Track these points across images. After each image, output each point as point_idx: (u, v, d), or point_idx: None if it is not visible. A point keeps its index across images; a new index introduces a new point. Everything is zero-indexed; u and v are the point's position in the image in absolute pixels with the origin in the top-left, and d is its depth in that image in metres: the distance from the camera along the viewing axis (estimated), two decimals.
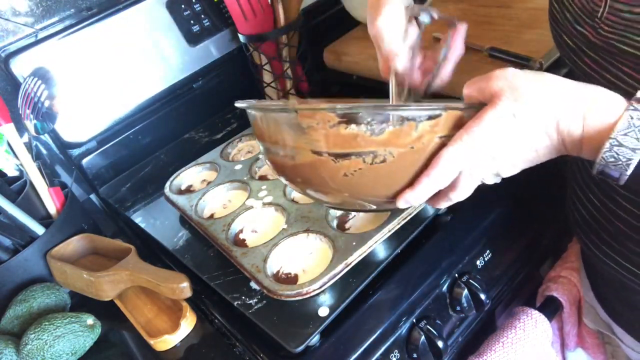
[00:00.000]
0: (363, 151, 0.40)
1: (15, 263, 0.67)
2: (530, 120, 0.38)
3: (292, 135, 0.43)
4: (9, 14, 0.80)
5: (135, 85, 0.87)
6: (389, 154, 0.40)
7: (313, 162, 0.43)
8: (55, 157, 0.87)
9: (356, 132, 0.40)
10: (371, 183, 0.43)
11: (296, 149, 0.43)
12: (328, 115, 0.40)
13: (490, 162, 0.40)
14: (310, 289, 0.53)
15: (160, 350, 0.59)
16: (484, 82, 0.39)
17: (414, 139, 0.39)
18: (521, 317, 0.67)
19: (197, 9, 0.92)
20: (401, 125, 0.39)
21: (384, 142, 0.40)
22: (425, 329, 0.57)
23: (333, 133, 0.40)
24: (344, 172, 0.42)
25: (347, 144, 0.40)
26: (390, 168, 0.41)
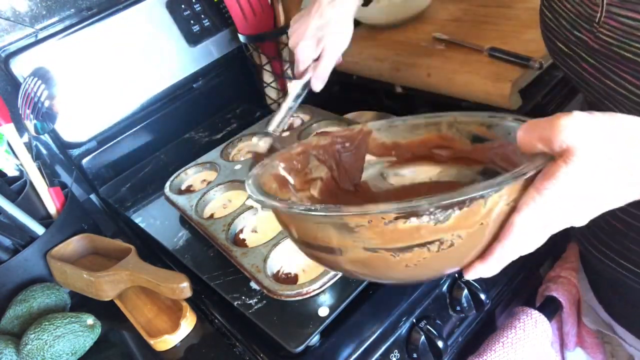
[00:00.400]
0: (427, 241, 0.36)
1: (15, 263, 0.67)
2: (611, 181, 0.34)
3: (336, 235, 0.37)
4: (9, 14, 0.80)
5: (135, 85, 0.87)
6: (457, 237, 0.36)
7: (367, 258, 0.38)
8: (55, 157, 0.87)
9: (417, 226, 0.35)
10: (437, 267, 0.39)
11: (343, 247, 0.38)
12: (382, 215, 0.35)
13: (564, 218, 0.36)
14: (310, 289, 0.53)
15: (160, 350, 0.59)
16: (548, 131, 0.34)
17: (482, 215, 0.35)
18: (521, 317, 0.67)
19: (197, 9, 0.92)
20: (469, 206, 0.34)
21: (451, 227, 0.35)
22: (425, 329, 0.57)
23: (390, 230, 0.35)
24: (405, 264, 0.37)
25: (408, 237, 0.35)
26: (458, 250, 0.37)
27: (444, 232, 0.35)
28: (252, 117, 0.95)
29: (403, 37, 0.92)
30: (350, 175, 0.53)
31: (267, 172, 0.47)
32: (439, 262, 0.38)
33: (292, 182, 0.49)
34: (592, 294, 0.67)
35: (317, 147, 0.52)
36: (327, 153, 0.52)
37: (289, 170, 0.50)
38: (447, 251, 0.36)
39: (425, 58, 0.83)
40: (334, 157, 0.53)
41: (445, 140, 0.50)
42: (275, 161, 0.49)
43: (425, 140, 0.51)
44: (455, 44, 0.83)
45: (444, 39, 0.85)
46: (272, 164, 0.49)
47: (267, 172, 0.47)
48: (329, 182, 0.52)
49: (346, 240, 0.37)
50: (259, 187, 0.43)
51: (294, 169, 0.50)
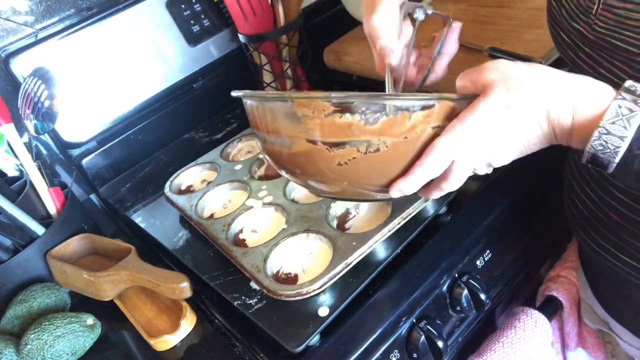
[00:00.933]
0: (357, 140, 0.41)
1: (15, 263, 0.67)
2: (522, 110, 0.39)
3: (287, 124, 0.43)
4: (9, 14, 0.80)
5: (135, 85, 0.87)
6: (383, 144, 0.41)
7: (308, 151, 0.43)
8: (55, 157, 0.87)
9: (350, 122, 0.40)
10: (366, 172, 0.43)
11: (292, 137, 0.44)
12: (323, 104, 0.40)
13: (482, 151, 0.41)
14: (310, 289, 0.53)
15: (160, 350, 0.59)
16: (475, 74, 0.40)
17: (407, 128, 0.40)
18: (521, 317, 0.67)
19: (197, 9, 0.91)
20: (395, 115, 0.39)
21: (378, 131, 0.40)
22: (425, 329, 0.57)
23: (328, 122, 0.41)
24: (338, 160, 0.42)
25: (341, 133, 0.41)
26: (384, 157, 0.41)
27: (371, 135, 0.40)
28: None
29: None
30: None
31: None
32: (366, 168, 0.42)
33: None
34: (590, 291, 0.67)
35: None
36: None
37: None
38: (374, 156, 0.41)
39: None
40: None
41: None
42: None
43: None
44: None
45: None
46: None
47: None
48: None
49: (295, 130, 0.43)
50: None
51: None
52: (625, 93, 0.36)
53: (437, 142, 0.40)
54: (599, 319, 0.68)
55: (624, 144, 0.36)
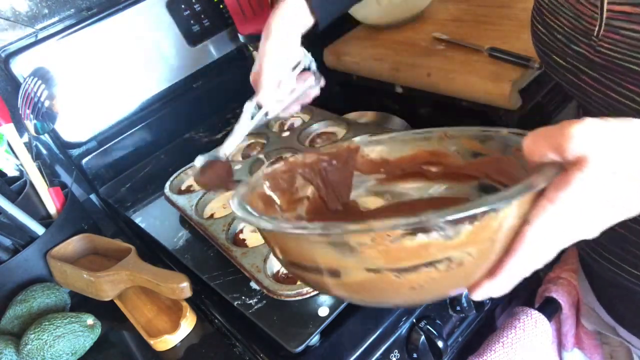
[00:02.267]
0: (435, 260, 0.33)
1: (15, 263, 0.67)
2: (627, 191, 0.33)
3: (334, 255, 0.34)
4: (9, 14, 0.80)
5: (136, 85, 0.87)
6: (467, 255, 0.33)
7: (368, 279, 0.35)
8: (55, 157, 0.87)
9: (426, 243, 0.32)
10: (444, 287, 0.36)
11: (343, 268, 0.35)
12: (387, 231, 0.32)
13: (576, 230, 0.34)
14: (310, 289, 0.53)
15: (160, 350, 0.59)
16: (558, 139, 0.33)
17: (495, 230, 0.33)
18: (521, 317, 0.67)
19: (197, 9, 0.91)
20: (480, 220, 0.32)
21: (462, 244, 0.33)
22: (425, 329, 0.57)
23: (395, 248, 0.32)
24: (410, 285, 0.34)
25: (414, 256, 0.33)
26: (467, 268, 0.34)
27: (453, 249, 0.33)
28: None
29: (403, 37, 0.92)
30: (338, 194, 0.51)
31: (252, 192, 0.45)
32: (446, 283, 0.35)
33: (278, 202, 0.47)
34: (593, 296, 0.67)
35: (302, 165, 0.50)
36: (313, 171, 0.50)
37: (274, 188, 0.48)
38: (456, 270, 0.34)
39: (425, 58, 0.83)
40: (321, 176, 0.51)
41: (436, 156, 0.48)
42: (261, 180, 0.47)
43: (415, 156, 0.49)
44: (455, 44, 0.83)
45: (444, 39, 0.85)
46: (258, 182, 0.47)
47: (252, 192, 0.45)
48: (316, 201, 0.50)
49: (347, 261, 0.34)
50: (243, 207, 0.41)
51: (279, 187, 0.48)
52: None
53: (528, 232, 0.33)
54: (603, 324, 0.68)
55: None
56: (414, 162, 0.49)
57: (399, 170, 0.50)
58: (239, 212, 0.39)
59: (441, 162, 0.48)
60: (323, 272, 0.36)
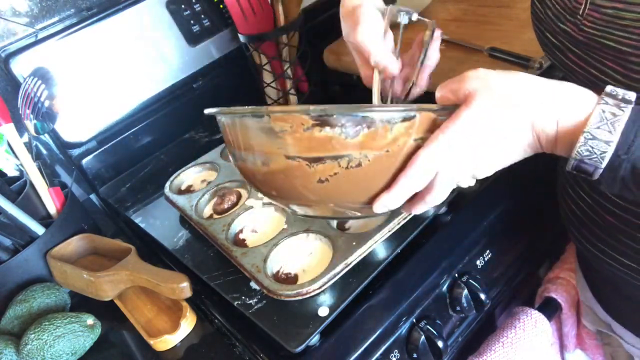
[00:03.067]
0: (338, 155, 0.39)
1: (15, 263, 0.67)
2: (506, 119, 0.38)
3: (264, 140, 0.41)
4: (9, 14, 0.80)
5: (135, 85, 0.87)
6: (365, 157, 0.39)
7: (287, 167, 0.41)
8: (55, 157, 0.87)
9: (330, 135, 0.39)
10: (347, 188, 0.41)
11: (269, 154, 0.42)
12: (302, 118, 0.39)
13: (465, 162, 0.39)
14: (310, 289, 0.53)
15: (160, 350, 0.59)
16: (456, 84, 0.40)
17: (389, 141, 0.39)
18: (521, 317, 0.67)
19: (197, 9, 0.91)
20: (376, 127, 0.38)
21: (359, 145, 0.39)
22: (425, 329, 0.57)
23: (307, 136, 0.39)
24: (319, 177, 0.41)
25: (321, 147, 0.39)
26: (366, 172, 0.40)
27: (352, 149, 0.39)
28: None
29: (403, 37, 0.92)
30: None
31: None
32: (348, 184, 0.41)
33: None
34: (590, 293, 0.67)
35: None
36: None
37: None
38: (356, 171, 0.40)
39: None
40: None
41: None
42: None
43: None
44: (455, 44, 0.83)
45: (444, 39, 0.85)
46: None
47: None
48: None
49: (272, 146, 0.41)
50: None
51: None
52: (607, 97, 0.36)
53: (420, 153, 0.39)
54: (600, 321, 0.68)
55: (610, 148, 0.35)
56: None
57: None
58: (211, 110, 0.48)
59: None
60: (258, 161, 0.43)
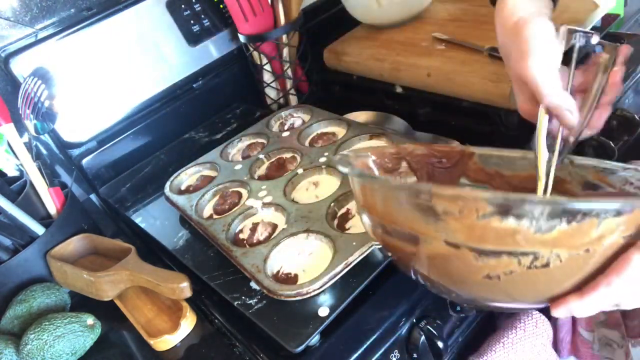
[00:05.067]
0: (520, 251, 0.31)
1: (15, 263, 0.67)
2: None
3: (417, 218, 0.33)
4: (9, 14, 0.80)
5: (136, 85, 0.87)
6: (555, 257, 0.31)
7: (444, 254, 0.33)
8: (55, 157, 0.87)
9: (515, 228, 0.30)
10: (522, 288, 0.33)
11: (423, 235, 0.34)
12: (478, 204, 0.30)
13: None
14: (310, 289, 0.52)
15: (160, 350, 0.59)
16: None
17: (592, 239, 0.30)
18: (522, 318, 0.67)
19: (197, 9, 0.92)
20: (579, 222, 0.30)
21: (552, 242, 0.30)
22: (425, 329, 0.57)
23: (481, 225, 0.31)
24: (487, 272, 0.33)
25: (498, 240, 0.31)
26: (553, 273, 0.32)
27: (542, 246, 0.30)
28: (252, 117, 0.95)
29: (403, 37, 0.92)
30: None
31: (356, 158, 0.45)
32: (525, 283, 0.33)
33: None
34: None
35: (412, 154, 0.48)
36: (420, 163, 0.48)
37: (378, 165, 0.47)
38: (539, 271, 0.31)
39: (425, 58, 0.83)
40: (427, 170, 0.48)
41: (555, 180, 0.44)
42: (368, 152, 0.46)
43: (532, 176, 0.44)
44: (455, 44, 0.83)
45: (444, 39, 0.85)
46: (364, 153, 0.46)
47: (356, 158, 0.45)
48: None
49: (429, 228, 0.33)
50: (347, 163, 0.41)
51: (383, 166, 0.47)
52: None
53: (634, 256, 0.31)
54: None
55: None
56: (529, 181, 0.45)
57: (509, 186, 0.47)
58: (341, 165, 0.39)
59: (557, 187, 0.44)
60: (405, 237, 0.35)
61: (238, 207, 0.68)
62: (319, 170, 0.70)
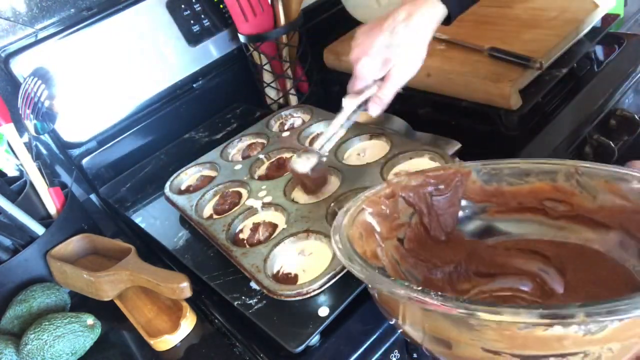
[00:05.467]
0: (568, 352, 0.29)
1: (15, 263, 0.67)
2: None
3: (452, 329, 0.31)
4: (9, 14, 0.80)
5: (135, 85, 0.87)
6: (607, 351, 0.30)
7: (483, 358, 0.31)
8: (55, 157, 0.87)
9: (561, 335, 0.28)
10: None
11: (456, 341, 0.32)
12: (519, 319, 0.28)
13: None
14: (310, 289, 0.52)
15: (160, 350, 0.59)
16: None
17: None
18: None
19: (197, 9, 0.92)
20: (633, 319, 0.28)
21: (604, 339, 0.29)
22: None
23: (523, 335, 0.29)
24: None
25: (544, 346, 0.29)
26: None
27: (593, 345, 0.29)
28: (252, 117, 0.95)
29: None
30: (443, 223, 0.47)
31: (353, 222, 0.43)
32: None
33: (379, 229, 0.45)
34: None
35: (406, 188, 0.46)
36: (417, 195, 0.46)
37: (376, 215, 0.45)
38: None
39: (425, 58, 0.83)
40: (426, 201, 0.47)
41: (562, 193, 0.42)
42: (362, 206, 0.44)
43: (535, 189, 0.43)
44: (455, 44, 0.83)
45: (444, 39, 0.85)
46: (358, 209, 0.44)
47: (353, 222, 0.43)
48: (417, 228, 0.46)
49: (462, 337, 0.31)
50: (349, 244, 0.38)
51: (381, 214, 0.45)
52: None
53: None
54: None
55: None
56: (533, 196, 0.44)
57: (514, 202, 0.45)
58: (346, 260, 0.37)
59: (567, 200, 0.42)
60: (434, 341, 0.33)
61: (238, 207, 0.68)
62: None
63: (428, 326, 0.32)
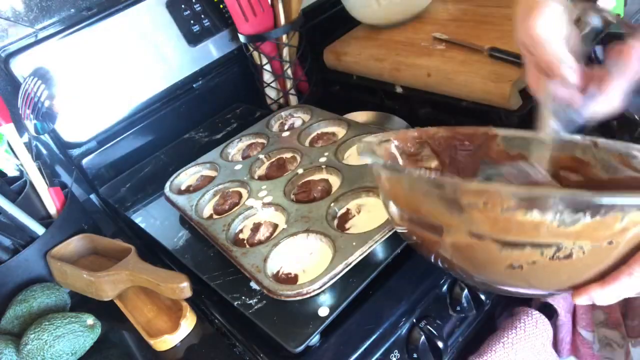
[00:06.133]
0: (543, 243, 0.31)
1: (15, 263, 0.67)
2: None
3: (443, 211, 0.34)
4: (9, 14, 0.80)
5: (135, 85, 0.87)
6: (579, 249, 0.31)
7: (468, 245, 0.34)
8: (55, 157, 0.87)
9: (539, 221, 0.31)
10: (544, 277, 0.34)
11: (447, 225, 0.34)
12: (502, 198, 0.31)
13: None
14: (310, 289, 0.52)
15: (160, 350, 0.59)
16: None
17: (615, 232, 0.31)
18: (522, 317, 0.67)
19: (197, 9, 0.92)
20: (603, 215, 0.30)
21: (575, 234, 0.31)
22: (426, 329, 0.57)
23: (505, 218, 0.31)
24: (510, 262, 0.33)
25: (522, 232, 0.31)
26: (575, 264, 0.32)
27: (565, 238, 0.31)
28: (252, 117, 0.95)
29: (403, 37, 0.92)
30: (462, 176, 0.48)
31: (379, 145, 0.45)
32: (547, 273, 0.33)
33: (401, 163, 0.47)
34: None
35: (434, 137, 0.48)
36: (443, 146, 0.48)
37: (400, 150, 0.47)
38: (562, 263, 0.32)
39: (425, 58, 0.83)
40: (450, 152, 0.49)
41: (578, 163, 0.45)
42: (390, 137, 0.46)
43: (554, 157, 0.45)
44: (455, 44, 0.83)
45: (444, 39, 0.85)
46: (386, 139, 0.46)
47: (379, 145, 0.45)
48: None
49: (453, 220, 0.33)
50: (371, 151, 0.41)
51: (406, 151, 0.47)
52: None
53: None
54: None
55: None
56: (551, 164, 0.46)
57: None
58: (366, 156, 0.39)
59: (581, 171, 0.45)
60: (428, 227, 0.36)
61: (238, 207, 0.68)
62: (319, 170, 0.70)
63: (426, 210, 0.35)
